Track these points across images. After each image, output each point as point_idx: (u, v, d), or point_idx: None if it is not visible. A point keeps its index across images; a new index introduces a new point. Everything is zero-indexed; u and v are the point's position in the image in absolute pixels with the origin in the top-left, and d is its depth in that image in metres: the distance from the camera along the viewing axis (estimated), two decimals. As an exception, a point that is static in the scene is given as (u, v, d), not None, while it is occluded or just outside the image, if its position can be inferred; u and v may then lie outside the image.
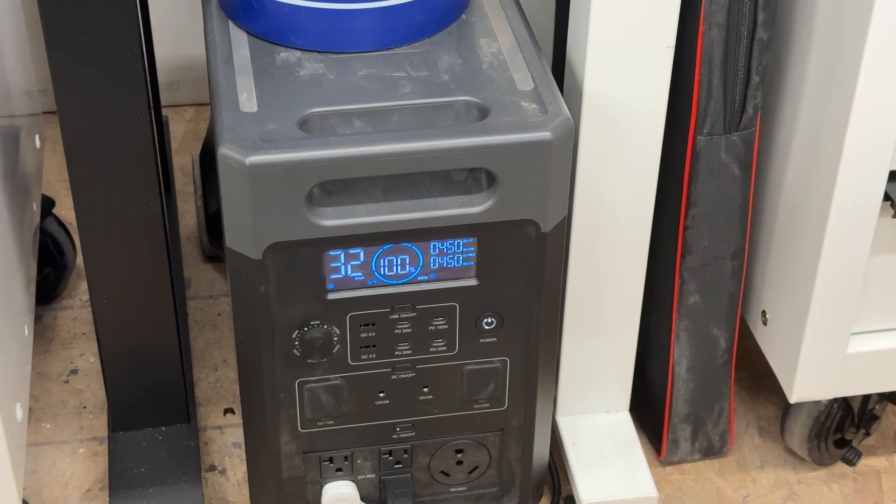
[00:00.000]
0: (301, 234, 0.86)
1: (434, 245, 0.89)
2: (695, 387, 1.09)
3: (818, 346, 1.02)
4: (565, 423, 1.11)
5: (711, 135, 0.97)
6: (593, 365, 1.09)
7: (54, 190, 1.40)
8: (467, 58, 0.91)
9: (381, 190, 0.87)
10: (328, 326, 0.91)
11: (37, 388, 1.21)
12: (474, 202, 0.87)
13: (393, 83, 0.89)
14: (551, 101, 0.87)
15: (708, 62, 0.93)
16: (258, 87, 0.88)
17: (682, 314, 1.06)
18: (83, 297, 1.31)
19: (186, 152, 1.50)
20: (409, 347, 0.93)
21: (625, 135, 0.95)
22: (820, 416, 1.11)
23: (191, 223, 1.40)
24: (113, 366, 1.05)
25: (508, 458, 1.02)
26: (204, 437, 1.17)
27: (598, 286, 1.03)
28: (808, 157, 0.97)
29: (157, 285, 1.01)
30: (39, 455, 1.15)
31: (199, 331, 1.28)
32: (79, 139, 0.92)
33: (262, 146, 0.82)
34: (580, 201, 0.98)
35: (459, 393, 0.96)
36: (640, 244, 1.02)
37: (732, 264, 1.04)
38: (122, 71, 0.90)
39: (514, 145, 0.84)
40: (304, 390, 0.94)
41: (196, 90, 1.56)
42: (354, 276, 0.89)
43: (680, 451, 1.14)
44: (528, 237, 0.89)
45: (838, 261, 0.97)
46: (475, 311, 0.92)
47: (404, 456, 0.99)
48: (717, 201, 1.00)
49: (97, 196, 0.95)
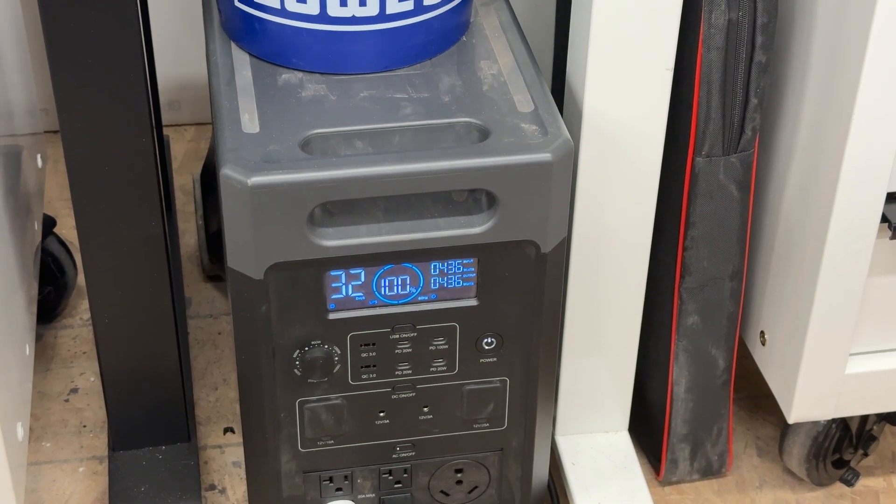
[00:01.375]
0: (302, 255, 0.86)
1: (434, 265, 0.89)
2: (694, 407, 1.10)
3: (816, 366, 1.02)
4: (564, 442, 1.11)
5: (710, 156, 0.97)
6: (592, 385, 1.09)
7: (55, 209, 1.40)
8: (468, 79, 0.92)
9: (381, 210, 0.87)
10: (329, 346, 0.91)
11: (37, 407, 1.21)
12: (475, 223, 0.87)
13: (394, 104, 0.89)
14: (551, 122, 0.88)
15: (707, 84, 0.94)
16: (260, 108, 0.88)
17: (681, 334, 1.06)
18: (84, 315, 1.31)
19: (187, 171, 1.50)
20: (410, 367, 0.94)
21: (624, 156, 0.96)
22: (818, 437, 1.11)
23: (191, 242, 1.40)
24: (113, 384, 1.06)
25: (508, 477, 1.02)
26: (204, 456, 1.18)
27: (597, 306, 1.04)
28: (806, 179, 0.98)
29: (157, 304, 1.01)
30: (39, 474, 1.15)
31: (200, 349, 1.28)
32: (81, 159, 0.93)
33: (263, 167, 0.83)
34: (580, 222, 0.99)
35: (459, 413, 0.97)
36: (640, 265, 1.02)
37: (731, 285, 1.04)
38: (124, 92, 0.90)
39: (515, 166, 0.85)
40: (305, 410, 0.94)
41: (197, 110, 1.57)
42: (355, 297, 0.90)
43: (679, 471, 1.14)
44: (528, 258, 0.90)
45: (836, 282, 0.98)
46: (475, 331, 0.93)
47: (404, 475, 1.00)
48: (716, 222, 1.01)
49: (99, 215, 0.96)
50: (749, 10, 0.92)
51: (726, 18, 0.92)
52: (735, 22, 0.92)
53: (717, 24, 0.92)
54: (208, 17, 0.98)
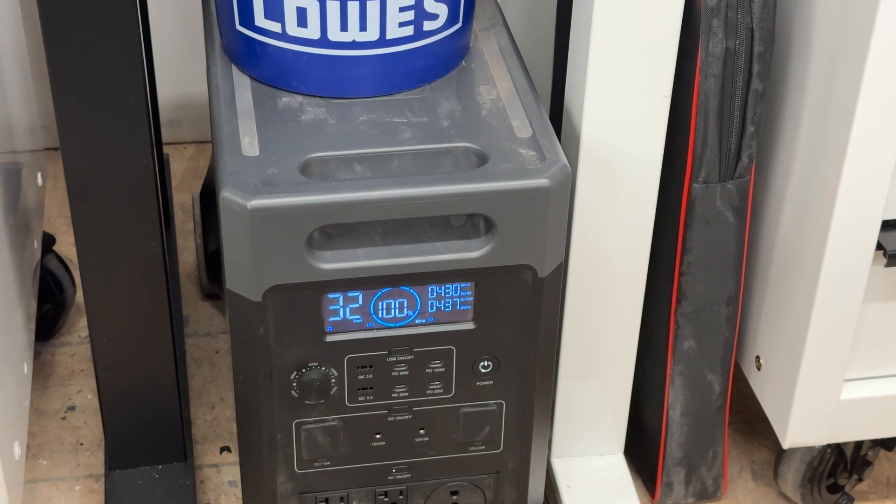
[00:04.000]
0: (301, 277, 0.86)
1: (432, 289, 0.90)
2: (689, 431, 1.10)
3: (811, 392, 1.03)
4: (560, 465, 1.12)
5: (707, 183, 0.98)
6: (588, 408, 1.09)
7: (55, 226, 1.41)
8: (467, 104, 0.92)
9: (380, 234, 0.88)
10: (326, 368, 0.92)
11: (34, 425, 1.21)
12: (472, 247, 0.88)
13: (393, 129, 0.90)
14: (549, 148, 0.88)
15: (704, 112, 0.95)
16: (260, 131, 0.89)
17: (677, 359, 1.06)
18: (82, 333, 1.31)
19: (186, 190, 1.51)
20: (406, 390, 0.94)
21: (621, 182, 0.97)
22: (813, 462, 1.11)
23: (190, 261, 1.41)
24: (111, 403, 1.06)
25: (503, 500, 1.02)
26: (200, 475, 1.18)
27: (593, 330, 1.04)
28: (802, 206, 0.99)
29: (156, 323, 1.02)
30: (36, 492, 1.16)
31: (197, 368, 1.29)
32: (81, 177, 0.93)
33: (263, 190, 0.83)
34: (577, 247, 0.99)
35: (455, 435, 0.97)
36: (636, 289, 1.03)
37: (727, 310, 1.05)
38: (125, 111, 0.91)
39: (512, 192, 0.86)
40: (301, 431, 0.94)
41: (197, 128, 1.58)
42: (353, 319, 0.90)
43: (674, 494, 1.14)
44: (525, 282, 0.90)
45: (831, 308, 0.98)
46: (472, 354, 0.93)
47: (400, 497, 1.00)
48: (712, 248, 1.01)
49: (99, 235, 0.96)
50: (746, 39, 0.92)
51: (723, 47, 0.92)
52: (732, 50, 0.93)
53: (714, 52, 0.93)
54: (209, 39, 0.98)
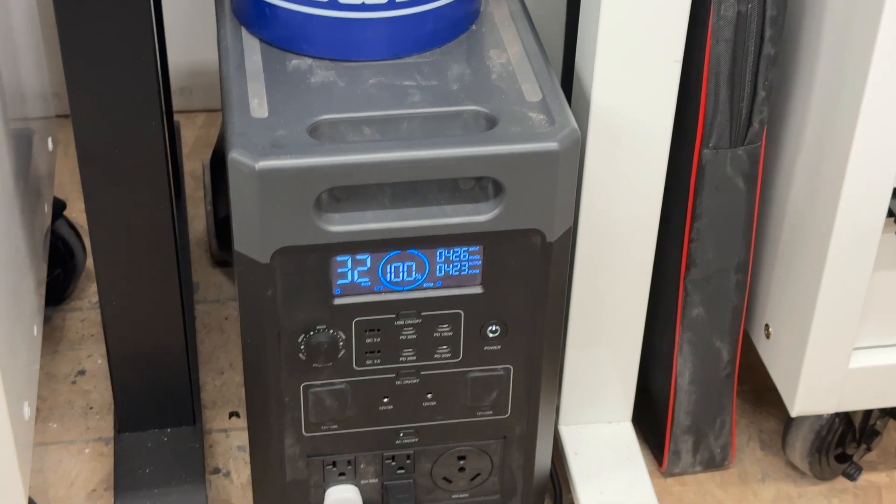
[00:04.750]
0: (309, 240, 0.86)
1: (440, 252, 0.90)
2: (697, 399, 1.10)
3: (820, 360, 1.02)
4: (567, 432, 1.12)
5: (717, 149, 0.98)
6: (596, 375, 1.09)
7: (66, 192, 1.41)
8: (476, 68, 0.92)
9: (388, 197, 0.88)
10: (334, 331, 0.92)
11: (44, 389, 1.22)
12: (481, 211, 0.88)
13: (402, 92, 0.90)
14: (559, 112, 0.88)
15: (715, 77, 0.94)
16: (269, 93, 0.89)
17: (686, 326, 1.06)
18: (92, 298, 1.32)
19: (197, 158, 1.51)
20: (414, 353, 0.94)
21: (631, 147, 0.96)
22: (821, 431, 1.11)
23: (200, 228, 1.41)
24: (120, 367, 1.06)
25: (510, 465, 1.02)
26: (209, 439, 1.18)
27: (602, 297, 1.04)
28: (813, 173, 0.98)
29: (165, 287, 1.02)
30: (46, 454, 1.16)
31: (207, 334, 1.29)
32: (92, 142, 0.94)
33: (272, 152, 0.83)
34: (586, 212, 0.99)
35: (463, 400, 0.97)
36: (645, 256, 1.02)
37: (736, 277, 1.04)
38: (135, 75, 0.91)
39: (522, 155, 0.85)
40: (309, 394, 0.95)
41: (208, 96, 1.58)
42: (361, 282, 0.90)
43: (681, 462, 1.14)
44: (534, 246, 0.90)
45: (841, 276, 0.98)
46: (480, 318, 0.93)
47: (407, 462, 1.00)
48: (722, 215, 1.01)
49: (109, 199, 0.96)
50: (758, 3, 0.92)
51: (735, 11, 0.92)
52: (744, 14, 0.92)
53: (726, 16, 0.92)
54: (219, 2, 0.98)
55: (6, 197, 0.99)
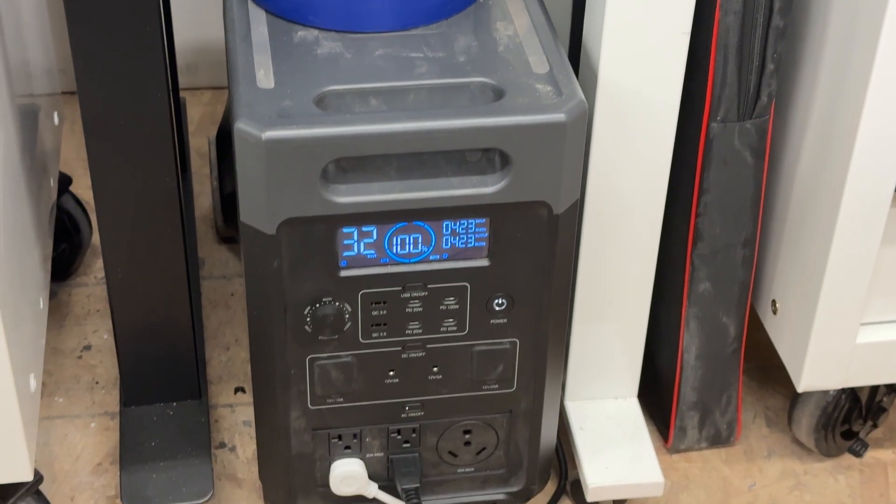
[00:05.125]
0: (315, 211, 0.86)
1: (447, 224, 0.89)
2: (703, 374, 1.10)
3: (827, 335, 1.02)
4: (573, 407, 1.12)
5: (725, 122, 0.97)
6: (602, 350, 1.09)
7: (72, 169, 1.41)
8: (483, 40, 0.92)
9: (395, 168, 0.87)
10: (340, 303, 0.91)
11: (50, 363, 1.22)
12: (487, 183, 0.88)
13: (409, 63, 0.89)
14: (566, 83, 0.88)
15: (723, 49, 0.94)
16: (276, 64, 0.89)
17: (693, 301, 1.06)
18: (98, 274, 1.32)
19: (203, 135, 1.51)
20: (420, 326, 0.94)
21: (639, 120, 0.96)
22: (828, 407, 1.11)
23: (206, 204, 1.41)
24: (126, 341, 1.06)
25: (516, 440, 1.02)
26: (214, 414, 1.18)
27: (608, 271, 1.04)
28: (821, 147, 0.98)
29: (171, 261, 1.02)
30: (52, 428, 1.16)
31: (212, 310, 1.29)
32: (97, 115, 0.93)
33: (278, 122, 0.83)
34: (593, 185, 0.99)
35: (469, 373, 0.97)
36: (652, 230, 1.02)
37: (744, 252, 1.04)
38: (141, 47, 0.91)
39: (529, 126, 0.85)
40: (315, 367, 0.94)
41: (214, 74, 1.57)
42: (367, 254, 0.90)
43: (687, 438, 1.14)
44: (541, 219, 0.90)
45: (849, 251, 0.97)
46: (486, 291, 0.93)
47: (412, 435, 1.00)
48: (730, 189, 1.00)
49: (114, 171, 0.96)
50: (767, -26, 0.91)
51: (744, -18, 0.91)
52: (753, -15, 0.92)
53: (734, -13, 0.91)
54: (225, -26, 0.98)
55: (12, 172, 0.99)
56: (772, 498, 1.13)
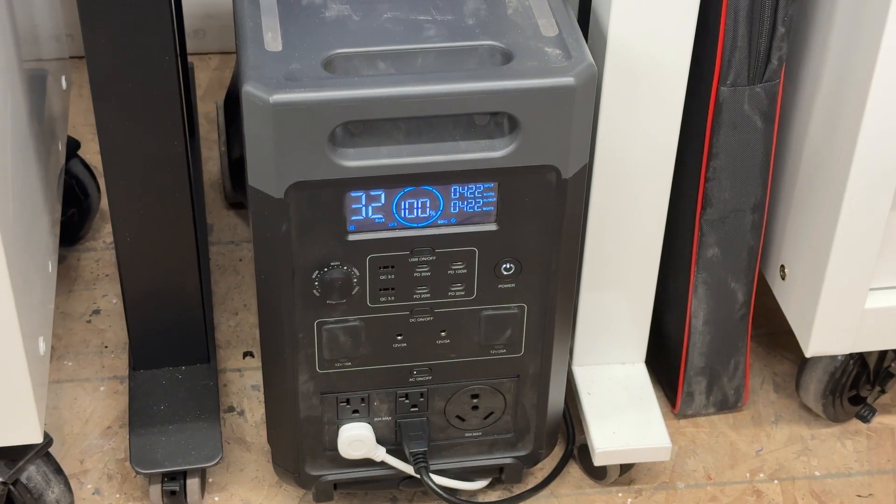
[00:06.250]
0: (323, 174, 0.86)
1: (455, 189, 0.89)
2: (711, 340, 1.10)
3: (836, 300, 1.02)
4: (581, 372, 1.12)
5: (735, 86, 0.97)
6: (610, 316, 1.09)
7: (80, 134, 1.41)
8: (492, 3, 0.91)
9: (403, 132, 0.87)
10: (348, 268, 0.92)
11: (60, 327, 1.23)
12: (496, 146, 0.87)
13: (418, 26, 0.89)
14: (575, 47, 0.87)
15: (734, 12, 0.93)
16: (283, 27, 0.88)
17: (701, 267, 1.06)
18: (107, 239, 1.32)
19: (211, 100, 1.50)
20: (428, 291, 0.94)
21: (648, 84, 0.95)
22: (835, 373, 1.11)
23: (214, 170, 1.41)
24: (135, 304, 1.07)
25: (524, 404, 1.02)
26: (223, 378, 1.19)
27: (617, 236, 1.04)
28: (832, 111, 0.97)
29: (179, 225, 1.02)
30: (61, 392, 1.17)
31: (221, 275, 1.29)
32: (105, 79, 0.93)
33: (286, 85, 0.83)
34: (601, 150, 0.98)
35: (476, 338, 0.97)
36: (661, 195, 1.02)
37: (752, 217, 1.04)
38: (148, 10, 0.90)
39: (537, 90, 0.85)
40: (323, 331, 0.95)
41: (222, 39, 1.57)
42: (375, 218, 0.90)
43: (695, 404, 1.14)
44: (549, 183, 0.89)
45: (858, 216, 0.97)
46: (494, 256, 0.93)
47: (420, 399, 1.00)
48: (739, 153, 1.00)
49: (122, 134, 0.96)
50: (778, -64, 0.90)
51: (755, -56, 0.91)
52: (764, -52, 0.91)
53: (745, -50, 0.91)
54: (233, -64, 0.97)
55: (21, 137, 0.99)
56: (779, 463, 1.13)
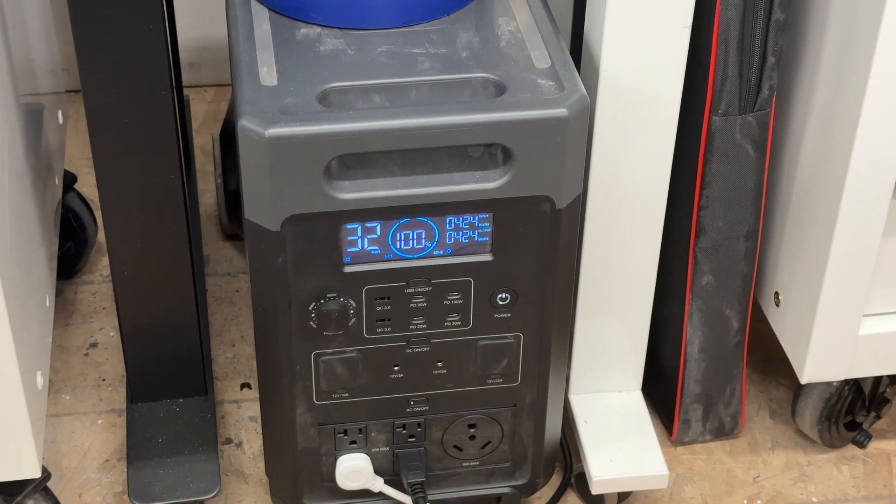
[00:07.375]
0: (319, 207, 0.87)
1: (450, 220, 0.90)
2: (707, 367, 1.10)
3: (830, 327, 1.03)
4: (578, 401, 1.12)
5: (727, 115, 0.97)
6: (606, 344, 1.09)
7: (76, 167, 1.41)
8: (485, 35, 0.92)
9: (398, 164, 0.88)
10: (344, 299, 0.92)
11: (57, 361, 1.23)
12: (490, 178, 0.88)
13: (411, 59, 0.90)
14: (568, 78, 0.88)
15: (724, 42, 0.94)
16: (279, 61, 0.89)
17: (696, 294, 1.06)
18: (104, 272, 1.32)
19: (207, 132, 1.51)
20: (424, 321, 0.94)
21: (640, 114, 0.96)
22: (831, 399, 1.11)
23: (210, 202, 1.41)
24: (132, 338, 1.07)
25: (521, 433, 1.03)
26: (221, 410, 1.19)
27: (612, 265, 1.04)
28: (823, 139, 0.98)
29: (176, 258, 1.02)
30: (59, 425, 1.17)
31: (218, 307, 1.30)
32: (101, 113, 0.94)
33: (281, 119, 0.84)
34: (595, 179, 0.99)
35: (473, 368, 0.98)
36: (655, 223, 1.03)
37: (746, 245, 1.04)
38: (144, 43, 0.91)
39: (531, 121, 0.85)
40: (320, 362, 0.95)
41: (217, 71, 1.58)
42: (371, 250, 0.90)
43: (691, 431, 1.15)
44: (543, 213, 0.90)
45: (851, 242, 0.98)
46: (490, 286, 0.93)
47: (418, 430, 1.01)
48: (732, 182, 1.01)
49: (119, 167, 0.97)
50: (767, -32, 0.92)
51: (744, -25, 0.92)
52: (753, -21, 0.92)
53: (735, -19, 0.92)
54: (228, -29, 0.98)
55: (18, 171, 0.99)
56: (776, 489, 1.13)
